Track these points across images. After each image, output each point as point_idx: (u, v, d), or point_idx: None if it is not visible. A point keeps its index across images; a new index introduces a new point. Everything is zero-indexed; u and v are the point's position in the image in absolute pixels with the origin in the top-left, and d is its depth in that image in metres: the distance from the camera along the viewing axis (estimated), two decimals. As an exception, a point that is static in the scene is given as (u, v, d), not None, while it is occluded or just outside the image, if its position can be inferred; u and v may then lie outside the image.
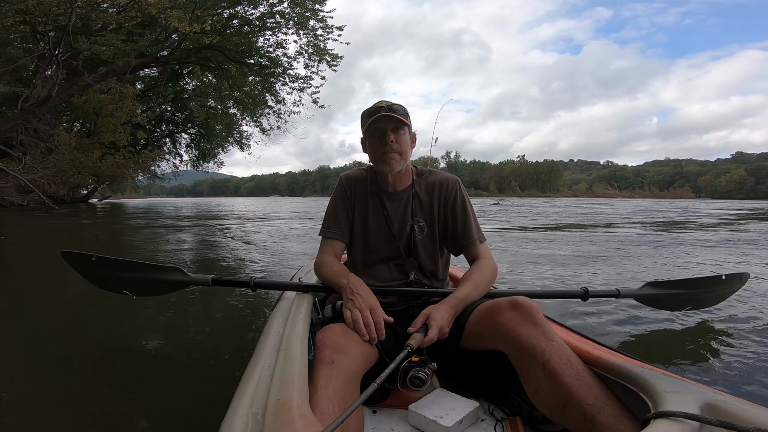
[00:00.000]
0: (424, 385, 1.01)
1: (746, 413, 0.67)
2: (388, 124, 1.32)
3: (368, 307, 1.14)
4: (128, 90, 16.84)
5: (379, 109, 1.32)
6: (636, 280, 4.01)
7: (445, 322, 1.13)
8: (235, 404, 0.78)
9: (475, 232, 1.40)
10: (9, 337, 2.33)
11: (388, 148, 1.32)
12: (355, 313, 1.13)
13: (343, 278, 1.26)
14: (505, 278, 4.02)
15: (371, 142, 1.37)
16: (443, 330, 1.12)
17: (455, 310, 1.18)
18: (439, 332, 1.11)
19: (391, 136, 1.31)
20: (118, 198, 50.72)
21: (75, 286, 3.08)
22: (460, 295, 1.22)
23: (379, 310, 1.16)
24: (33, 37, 14.79)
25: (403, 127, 1.34)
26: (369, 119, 1.33)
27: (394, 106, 1.34)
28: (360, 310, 1.14)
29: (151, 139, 24.40)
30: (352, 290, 1.19)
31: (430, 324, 1.11)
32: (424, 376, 1.01)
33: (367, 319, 1.12)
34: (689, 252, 5.92)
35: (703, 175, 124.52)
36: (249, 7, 16.00)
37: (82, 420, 1.47)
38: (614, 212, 19.97)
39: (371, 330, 1.11)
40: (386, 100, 1.39)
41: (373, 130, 1.34)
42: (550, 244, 6.92)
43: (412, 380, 1.01)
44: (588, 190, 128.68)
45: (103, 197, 34.87)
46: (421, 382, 1.01)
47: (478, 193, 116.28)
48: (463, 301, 1.21)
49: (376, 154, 1.36)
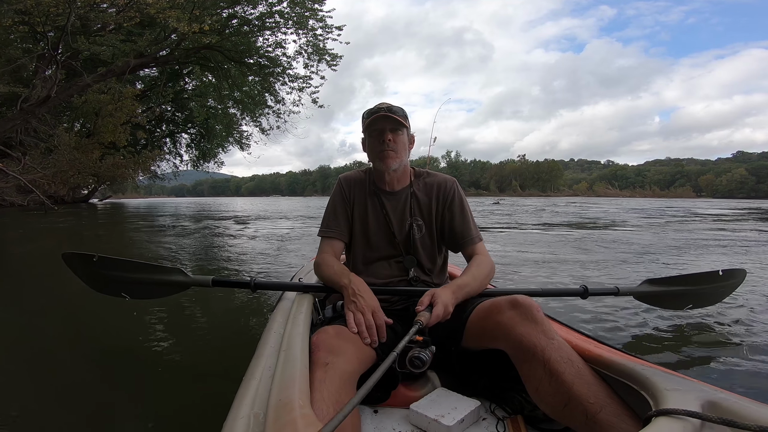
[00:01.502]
0: (424, 366, 1.02)
1: (748, 411, 0.67)
2: (387, 124, 1.38)
3: (370, 310, 1.15)
4: (128, 90, 16.82)
5: (379, 110, 1.38)
6: (635, 279, 4.03)
7: (449, 302, 1.16)
8: (237, 405, 0.78)
9: (473, 231, 1.45)
10: (8, 338, 2.33)
11: (386, 146, 1.38)
12: (358, 317, 1.14)
13: (344, 278, 1.26)
14: (507, 277, 4.02)
15: (370, 141, 1.43)
16: (447, 309, 1.14)
17: (456, 296, 1.20)
18: (444, 311, 1.13)
19: (388, 135, 1.38)
20: (119, 198, 50.77)
21: (73, 286, 3.05)
22: (459, 282, 1.25)
23: (381, 313, 1.17)
24: (33, 37, 14.79)
25: (402, 129, 1.40)
26: (369, 119, 1.39)
27: (393, 107, 1.39)
28: (362, 312, 1.15)
29: (151, 139, 24.38)
30: (354, 291, 1.20)
31: (436, 302, 1.13)
32: (425, 358, 1.02)
33: (369, 322, 1.13)
34: (687, 250, 5.92)
35: (704, 174, 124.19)
36: (248, 6, 15.98)
37: (82, 421, 1.47)
38: (615, 211, 19.96)
39: (373, 333, 1.12)
40: (387, 102, 1.45)
41: (372, 129, 1.40)
42: (549, 243, 6.92)
43: (412, 361, 1.01)
44: (589, 190, 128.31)
45: (103, 197, 34.91)
46: (421, 363, 1.01)
47: (478, 193, 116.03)
48: (463, 288, 1.23)
49: (374, 152, 1.42)
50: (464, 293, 1.23)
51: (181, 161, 28.93)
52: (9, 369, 1.90)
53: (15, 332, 2.43)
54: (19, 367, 1.92)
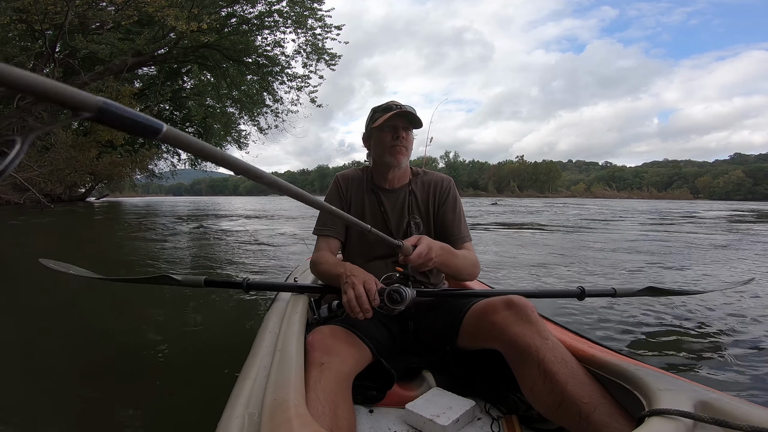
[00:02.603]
0: (403, 303, 1.04)
1: (739, 411, 0.68)
2: (402, 121, 1.40)
3: (361, 282, 1.12)
4: (125, 89, 16.77)
5: (398, 107, 1.39)
6: (627, 277, 4.05)
7: (435, 248, 1.15)
8: (232, 404, 0.78)
9: (463, 230, 1.47)
10: (1, 338, 2.31)
11: (399, 141, 1.39)
12: (350, 293, 1.10)
13: (340, 267, 1.25)
14: (503, 277, 4.03)
15: (382, 135, 1.42)
16: (430, 253, 1.13)
17: (443, 250, 1.20)
18: (427, 251, 1.12)
19: (402, 132, 1.40)
20: (116, 197, 50.45)
21: (66, 286, 3.07)
22: (449, 247, 1.27)
23: (372, 280, 1.13)
24: (31, 35, 14.73)
25: (412, 129, 1.43)
26: (385, 114, 1.38)
27: (409, 108, 1.41)
28: (353, 286, 1.11)
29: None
30: (347, 274, 1.17)
31: (421, 242, 1.13)
32: (404, 293, 1.04)
33: (359, 292, 1.09)
34: (685, 254, 5.94)
35: (701, 176, 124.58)
36: (247, 5, 15.95)
37: (76, 420, 1.47)
38: (612, 212, 20.03)
39: (363, 301, 1.08)
40: (395, 101, 1.46)
41: (386, 125, 1.40)
42: (543, 244, 6.93)
43: (391, 295, 1.04)
44: (586, 191, 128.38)
45: (101, 196, 34.78)
46: (400, 297, 1.04)
47: (476, 194, 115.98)
48: (450, 253, 1.25)
49: (385, 147, 1.42)
50: (449, 257, 1.23)
51: (179, 160, 28.87)
52: (1, 369, 1.89)
53: (7, 333, 2.40)
54: (11, 368, 1.90)
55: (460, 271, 1.33)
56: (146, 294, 3.00)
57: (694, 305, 2.86)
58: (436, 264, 1.19)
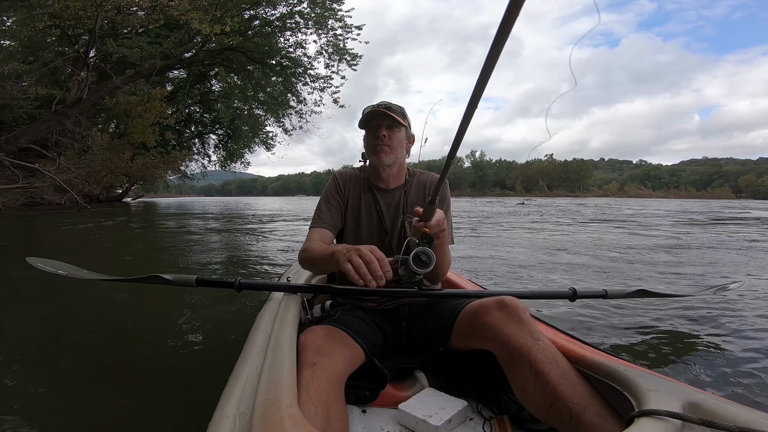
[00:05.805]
0: (431, 263, 1.05)
1: (727, 412, 0.69)
2: (384, 120, 1.41)
3: (369, 250, 1.07)
4: (156, 91, 17.37)
5: (378, 107, 1.42)
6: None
7: (441, 217, 1.12)
8: (223, 404, 0.78)
9: (450, 232, 1.45)
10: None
11: (379, 141, 1.40)
12: (356, 260, 1.04)
13: (335, 247, 1.19)
14: (505, 275, 4.03)
15: (367, 136, 1.47)
16: (444, 223, 1.14)
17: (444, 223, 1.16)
18: (443, 222, 1.13)
19: (384, 131, 1.40)
20: (151, 197, 52.34)
21: (56, 286, 3.10)
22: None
23: (377, 250, 1.08)
24: (67, 41, 15.46)
25: (398, 126, 1.43)
26: (366, 115, 1.44)
27: (392, 106, 1.44)
28: (360, 253, 1.06)
29: (180, 139, 25.07)
30: (346, 248, 1.10)
31: (436, 211, 1.09)
32: (431, 255, 1.05)
33: (369, 257, 1.04)
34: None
35: (743, 174, 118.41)
36: (269, 7, 16.27)
37: (67, 421, 1.47)
38: (648, 213, 19.36)
39: (375, 268, 1.03)
40: (387, 100, 1.49)
41: (369, 125, 1.45)
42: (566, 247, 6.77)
43: (419, 256, 1.04)
44: (620, 190, 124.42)
45: (136, 196, 36.10)
46: (428, 258, 1.04)
47: (504, 193, 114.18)
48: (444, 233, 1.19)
49: (369, 146, 1.45)
50: (442, 234, 1.16)
51: (209, 161, 29.75)
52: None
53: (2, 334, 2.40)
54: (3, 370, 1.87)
55: (444, 260, 1.30)
56: (136, 293, 3.00)
57: (685, 307, 2.87)
58: (442, 240, 1.18)
